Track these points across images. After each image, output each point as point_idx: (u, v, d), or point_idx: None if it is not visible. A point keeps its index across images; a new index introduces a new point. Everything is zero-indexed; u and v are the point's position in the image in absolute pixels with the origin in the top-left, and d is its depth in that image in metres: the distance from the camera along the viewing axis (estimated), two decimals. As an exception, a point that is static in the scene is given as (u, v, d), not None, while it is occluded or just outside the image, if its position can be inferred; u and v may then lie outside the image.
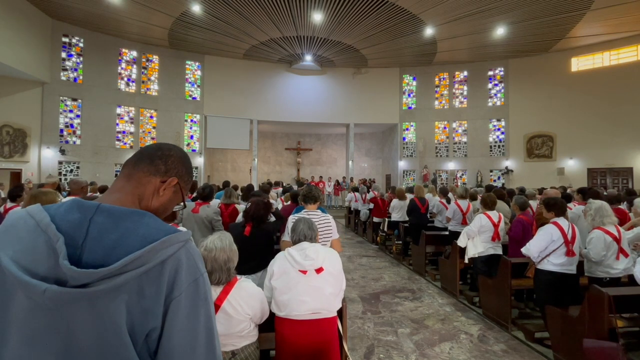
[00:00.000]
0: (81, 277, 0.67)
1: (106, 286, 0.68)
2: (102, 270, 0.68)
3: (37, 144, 13.35)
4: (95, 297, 0.68)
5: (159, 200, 0.93)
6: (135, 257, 0.70)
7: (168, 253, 0.75)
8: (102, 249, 0.73)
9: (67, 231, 0.73)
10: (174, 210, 1.02)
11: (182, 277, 0.76)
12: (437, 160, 18.54)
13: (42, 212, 0.76)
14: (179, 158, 0.97)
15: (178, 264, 0.76)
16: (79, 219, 0.76)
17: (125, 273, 0.69)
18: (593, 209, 3.65)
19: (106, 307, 0.68)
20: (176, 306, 0.74)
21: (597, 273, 3.56)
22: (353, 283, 5.77)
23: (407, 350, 3.53)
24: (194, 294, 0.77)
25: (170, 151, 0.96)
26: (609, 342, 2.75)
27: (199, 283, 0.79)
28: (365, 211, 9.99)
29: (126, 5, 12.29)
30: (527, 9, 12.24)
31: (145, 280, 0.71)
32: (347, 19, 13.28)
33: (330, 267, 2.24)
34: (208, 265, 1.90)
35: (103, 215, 0.78)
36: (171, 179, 0.93)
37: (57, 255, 0.69)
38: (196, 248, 0.84)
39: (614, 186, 14.51)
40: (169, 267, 0.74)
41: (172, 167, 0.94)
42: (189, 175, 1.01)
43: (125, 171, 0.92)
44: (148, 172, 0.91)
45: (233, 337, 1.94)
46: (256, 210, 3.21)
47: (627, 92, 14.45)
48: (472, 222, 4.88)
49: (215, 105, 17.28)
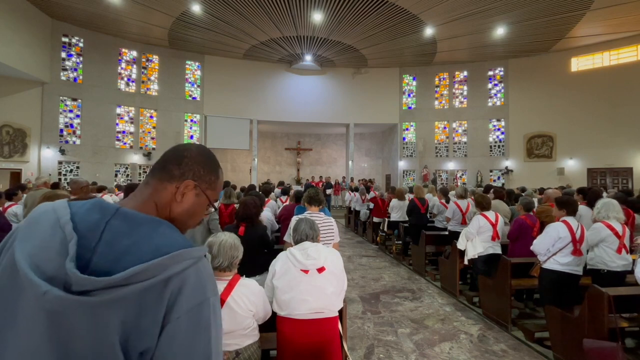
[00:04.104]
0: (83, 282, 0.63)
1: (107, 297, 0.63)
2: (104, 280, 0.63)
3: (37, 144, 13.35)
4: (94, 307, 0.63)
5: (180, 207, 0.86)
6: (141, 270, 0.65)
7: (176, 270, 0.68)
8: (113, 254, 0.68)
9: (83, 231, 0.70)
10: (207, 213, 0.95)
11: (184, 298, 0.69)
12: (437, 160, 18.55)
13: (66, 209, 0.73)
14: (195, 158, 0.90)
15: (183, 283, 0.69)
16: (96, 220, 0.72)
17: (129, 285, 0.64)
18: (600, 204, 3.72)
19: (104, 319, 0.63)
20: (172, 330, 0.67)
21: (597, 265, 3.60)
22: (353, 283, 5.77)
23: (407, 350, 3.53)
24: (195, 319, 0.70)
25: (185, 152, 0.90)
26: (609, 342, 2.75)
27: (203, 308, 0.71)
28: (365, 211, 10.00)
29: (126, 5, 12.29)
30: (527, 9, 12.24)
31: (147, 296, 0.66)
32: (347, 19, 13.28)
33: (332, 266, 2.24)
34: (214, 248, 1.99)
35: (120, 219, 0.74)
36: (185, 183, 0.86)
37: (68, 255, 0.66)
38: (209, 267, 0.77)
39: (614, 186, 14.52)
40: (172, 286, 0.68)
41: (187, 170, 0.88)
42: (210, 174, 0.92)
43: (145, 179, 0.89)
44: (162, 178, 0.86)
45: (237, 336, 1.96)
46: (245, 210, 3.24)
47: (627, 92, 14.45)
48: (470, 223, 4.88)
49: (215, 105, 17.29)
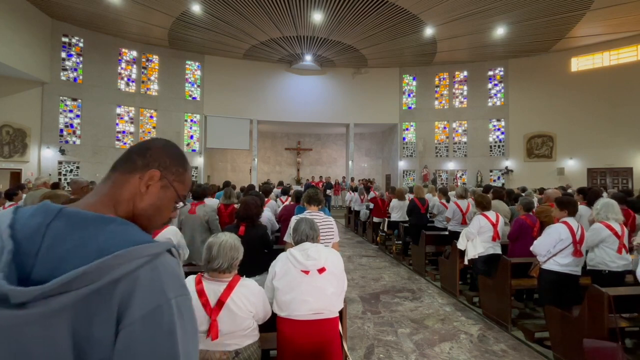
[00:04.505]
0: (16, 294, 0.56)
1: (46, 308, 0.56)
2: (36, 289, 0.56)
3: (37, 144, 13.35)
4: (37, 320, 0.57)
5: (145, 200, 0.79)
6: (78, 274, 0.57)
7: (124, 270, 0.61)
8: (54, 260, 0.61)
9: (24, 237, 0.63)
10: (175, 209, 0.87)
11: (137, 302, 0.60)
12: (437, 160, 18.55)
13: (8, 215, 0.67)
14: (161, 148, 0.84)
15: (134, 285, 0.61)
16: (38, 224, 0.65)
17: (68, 292, 0.57)
18: (600, 204, 3.72)
19: (50, 332, 0.57)
20: (126, 338, 0.59)
21: (598, 266, 3.60)
22: (353, 283, 5.77)
23: (407, 350, 3.53)
24: (152, 324, 0.61)
25: (150, 143, 0.84)
26: (609, 342, 2.75)
27: (163, 311, 0.62)
28: (365, 211, 10.00)
29: (126, 5, 12.29)
30: (527, 9, 12.24)
31: (93, 302, 0.59)
32: (347, 19, 13.28)
33: (332, 267, 2.24)
34: (214, 249, 1.96)
35: (62, 220, 0.66)
36: (150, 173, 0.79)
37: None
38: (173, 265, 0.68)
39: (614, 186, 14.51)
40: (121, 289, 0.60)
41: (152, 160, 0.81)
42: (177, 166, 0.85)
43: (106, 174, 0.81)
44: (124, 171, 0.79)
45: (237, 337, 1.95)
46: (245, 210, 3.22)
47: (627, 92, 14.45)
48: (470, 223, 4.88)
49: (215, 105, 17.28)
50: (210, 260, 1.96)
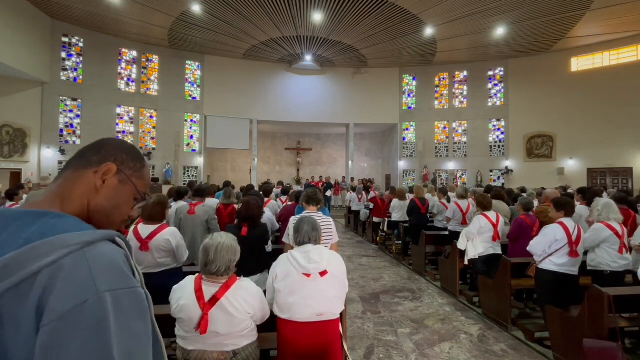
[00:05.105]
0: None
1: None
2: None
3: (37, 144, 13.36)
4: None
5: (101, 195, 0.74)
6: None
7: (44, 262, 0.54)
8: None
9: None
10: (136, 207, 0.82)
11: (57, 298, 0.53)
12: (437, 160, 18.55)
13: None
14: (117, 145, 0.81)
15: (54, 278, 0.54)
16: None
17: None
18: (601, 205, 3.72)
19: None
20: (45, 339, 0.52)
21: (599, 266, 3.59)
22: (353, 283, 5.76)
23: (407, 350, 3.53)
24: (77, 323, 0.53)
25: (104, 140, 0.82)
26: (609, 342, 2.75)
27: (91, 307, 0.54)
28: (365, 211, 9.99)
29: (126, 5, 12.29)
30: (527, 9, 12.24)
31: (10, 300, 0.53)
32: (347, 19, 13.28)
33: (334, 270, 2.22)
34: (211, 253, 1.93)
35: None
36: (106, 166, 0.76)
37: None
38: (111, 256, 0.61)
39: (614, 186, 14.51)
40: (40, 283, 0.54)
41: (108, 155, 0.78)
42: (134, 161, 0.82)
43: (58, 174, 0.78)
44: (77, 167, 0.76)
45: (234, 337, 1.94)
46: (247, 210, 3.20)
47: (627, 92, 14.45)
48: (471, 223, 4.88)
49: (215, 105, 17.28)
50: (207, 263, 1.94)
